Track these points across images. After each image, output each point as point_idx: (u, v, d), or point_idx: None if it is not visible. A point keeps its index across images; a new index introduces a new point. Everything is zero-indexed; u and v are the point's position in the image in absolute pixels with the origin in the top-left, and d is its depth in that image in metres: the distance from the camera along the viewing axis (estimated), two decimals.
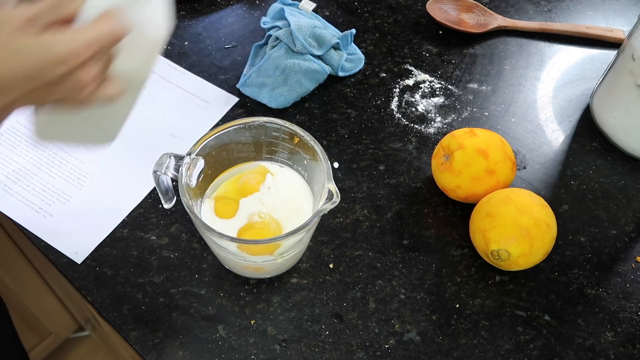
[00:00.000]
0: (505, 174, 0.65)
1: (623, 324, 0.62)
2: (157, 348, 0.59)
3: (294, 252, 0.59)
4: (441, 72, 0.81)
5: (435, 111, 0.77)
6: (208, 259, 0.64)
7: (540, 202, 0.62)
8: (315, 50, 0.75)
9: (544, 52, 0.85)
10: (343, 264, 0.64)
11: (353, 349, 0.59)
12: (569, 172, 0.73)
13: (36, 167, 0.69)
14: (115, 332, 0.60)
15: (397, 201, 0.69)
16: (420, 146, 0.74)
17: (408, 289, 0.63)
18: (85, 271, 0.63)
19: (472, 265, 0.65)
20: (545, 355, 0.60)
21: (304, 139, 0.60)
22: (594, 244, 0.67)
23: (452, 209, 0.69)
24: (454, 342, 0.60)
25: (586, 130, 0.77)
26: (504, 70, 0.83)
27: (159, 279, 0.63)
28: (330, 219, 0.67)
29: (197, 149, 0.58)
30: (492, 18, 0.87)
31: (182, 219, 0.66)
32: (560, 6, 0.91)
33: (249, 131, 0.62)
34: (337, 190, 0.55)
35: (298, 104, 0.77)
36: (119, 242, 0.65)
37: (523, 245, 0.60)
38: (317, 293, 0.62)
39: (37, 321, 1.18)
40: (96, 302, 0.61)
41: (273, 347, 0.59)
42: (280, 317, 0.61)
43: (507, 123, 0.77)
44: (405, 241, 0.66)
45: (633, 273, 0.66)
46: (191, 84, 0.78)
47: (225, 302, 0.61)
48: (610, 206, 0.70)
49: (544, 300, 0.63)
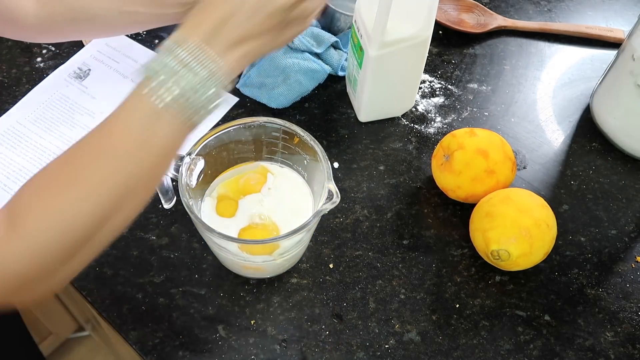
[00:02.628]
0: (505, 174, 0.65)
1: (623, 324, 0.62)
2: (157, 348, 0.59)
3: (294, 252, 0.59)
4: (441, 72, 0.81)
5: (435, 111, 0.77)
6: (208, 259, 0.64)
7: (540, 202, 0.62)
8: (315, 48, 0.75)
9: (544, 52, 0.85)
10: (343, 264, 0.64)
11: (353, 349, 0.59)
12: (569, 172, 0.73)
13: (36, 167, 0.69)
14: (115, 332, 0.60)
15: (397, 201, 0.69)
16: (420, 146, 0.74)
17: (408, 289, 0.63)
18: (85, 271, 0.62)
19: (472, 265, 0.65)
20: (545, 355, 0.60)
21: (304, 139, 0.60)
22: (594, 244, 0.67)
23: (452, 209, 0.69)
24: (454, 342, 0.60)
25: (586, 130, 0.77)
26: (504, 70, 0.82)
27: (159, 279, 0.63)
28: (330, 219, 0.67)
29: (197, 149, 0.58)
30: (492, 18, 0.87)
31: (182, 219, 0.66)
32: (560, 6, 0.91)
33: (249, 131, 0.62)
34: (337, 190, 0.55)
35: (298, 104, 0.77)
36: (119, 242, 0.65)
37: (523, 245, 0.60)
38: (317, 293, 0.62)
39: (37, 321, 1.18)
40: (96, 302, 0.61)
41: (273, 347, 0.59)
42: (280, 317, 0.61)
43: (507, 123, 0.77)
44: (405, 241, 0.66)
45: (633, 273, 0.66)
46: None
47: (225, 302, 0.61)
48: (610, 206, 0.70)
49: (544, 300, 0.63)
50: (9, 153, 0.70)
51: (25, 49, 0.80)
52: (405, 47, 0.67)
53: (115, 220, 0.42)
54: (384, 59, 0.67)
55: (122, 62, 0.79)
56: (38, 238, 0.39)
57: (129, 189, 0.42)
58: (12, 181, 0.68)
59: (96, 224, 0.41)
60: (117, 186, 0.41)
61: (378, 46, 0.65)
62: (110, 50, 0.80)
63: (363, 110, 0.74)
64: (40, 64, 0.79)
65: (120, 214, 0.42)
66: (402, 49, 0.67)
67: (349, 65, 0.74)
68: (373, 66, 0.68)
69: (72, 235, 0.40)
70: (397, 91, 0.74)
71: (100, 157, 0.41)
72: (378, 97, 0.72)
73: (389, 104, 0.75)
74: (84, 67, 0.79)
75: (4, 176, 0.68)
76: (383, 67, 0.68)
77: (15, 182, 0.68)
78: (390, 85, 0.71)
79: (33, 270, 0.40)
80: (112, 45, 0.81)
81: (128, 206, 0.42)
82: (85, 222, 0.41)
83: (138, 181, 0.42)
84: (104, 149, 0.42)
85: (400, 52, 0.67)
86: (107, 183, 0.41)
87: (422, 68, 0.72)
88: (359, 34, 0.68)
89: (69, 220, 0.40)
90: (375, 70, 0.68)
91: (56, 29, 0.60)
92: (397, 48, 0.66)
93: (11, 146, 0.71)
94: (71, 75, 0.78)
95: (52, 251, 0.40)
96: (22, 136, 0.72)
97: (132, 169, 0.42)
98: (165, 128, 0.42)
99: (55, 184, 0.41)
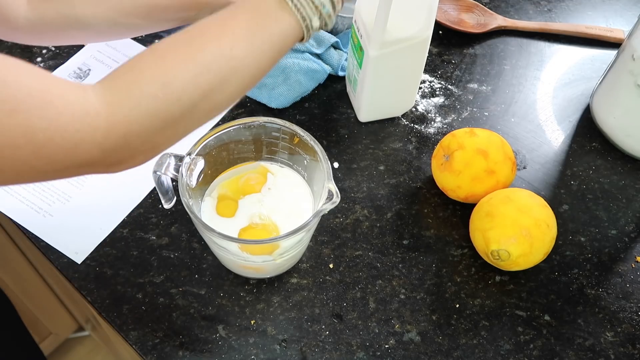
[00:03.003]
0: (505, 174, 0.65)
1: (623, 324, 0.62)
2: (157, 348, 0.59)
3: (294, 252, 0.59)
4: (441, 72, 0.81)
5: (435, 111, 0.77)
6: (208, 259, 0.64)
7: (540, 202, 0.62)
8: (315, 48, 0.75)
9: (544, 52, 0.85)
10: (343, 264, 0.64)
11: (353, 349, 0.59)
12: (569, 172, 0.73)
13: None
14: (115, 332, 0.60)
15: (397, 201, 0.69)
16: (420, 146, 0.74)
17: (408, 289, 0.63)
18: (85, 271, 0.63)
19: (472, 265, 0.65)
20: (545, 355, 0.60)
21: (304, 139, 0.60)
22: (594, 244, 0.67)
23: (452, 209, 0.69)
24: (454, 342, 0.60)
25: (586, 130, 0.77)
26: (504, 70, 0.83)
27: (159, 279, 0.63)
28: (330, 219, 0.67)
29: (197, 149, 0.58)
30: (492, 18, 0.87)
31: (182, 219, 0.66)
32: (560, 6, 0.91)
33: (249, 131, 0.62)
34: (337, 190, 0.55)
35: (298, 104, 0.77)
36: (119, 242, 0.65)
37: (523, 245, 0.60)
38: (317, 293, 0.62)
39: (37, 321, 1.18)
40: (96, 302, 0.61)
41: (273, 347, 0.59)
42: (280, 317, 0.61)
43: (507, 123, 0.77)
44: (405, 241, 0.66)
45: (633, 273, 0.66)
46: None
47: (225, 302, 0.61)
48: (610, 206, 0.70)
49: (544, 300, 0.63)
50: None
51: (25, 49, 0.80)
52: (405, 47, 0.67)
53: (215, 99, 0.45)
54: (384, 59, 0.67)
55: (122, 62, 0.79)
56: (148, 102, 0.42)
57: (237, 71, 0.45)
58: None
59: (201, 97, 0.44)
60: (229, 67, 0.45)
61: (378, 46, 0.65)
62: (110, 50, 0.80)
63: (363, 110, 0.74)
64: (40, 64, 0.79)
65: (221, 95, 0.46)
66: (402, 49, 0.67)
67: (349, 65, 0.74)
68: (373, 66, 0.68)
69: (179, 105, 0.43)
70: (397, 91, 0.74)
71: (221, 37, 0.45)
72: (378, 97, 0.72)
73: (389, 104, 0.75)
74: (84, 67, 0.79)
75: None
76: (383, 67, 0.68)
77: None
78: (390, 85, 0.71)
79: (139, 134, 0.42)
80: (112, 45, 0.81)
81: (229, 89, 0.46)
82: (192, 94, 0.43)
83: (246, 66, 0.46)
84: (225, 29, 0.45)
85: (400, 52, 0.67)
86: (220, 61, 0.44)
87: (422, 68, 0.72)
88: (359, 34, 0.68)
89: (179, 89, 0.43)
90: (375, 70, 0.68)
91: (49, 33, 0.59)
92: (397, 48, 0.66)
93: None
94: (71, 75, 0.78)
95: (160, 116, 0.43)
96: None
97: (245, 52, 0.45)
98: (285, 20, 0.46)
99: (175, 55, 0.44)
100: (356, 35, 0.69)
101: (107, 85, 0.42)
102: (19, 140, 0.37)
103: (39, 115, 0.37)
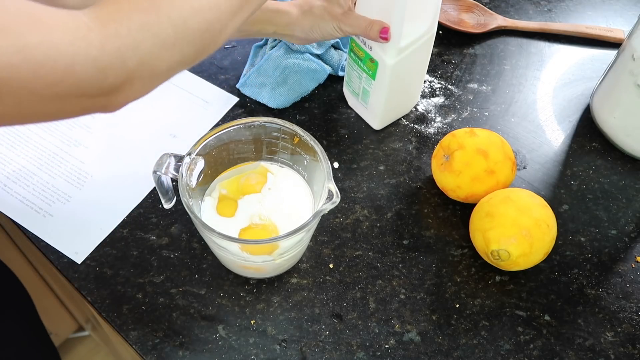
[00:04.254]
0: (505, 174, 0.65)
1: (623, 324, 0.62)
2: (157, 348, 0.59)
3: (294, 252, 0.59)
4: (441, 72, 0.81)
5: (435, 111, 0.77)
6: (208, 259, 0.64)
7: (540, 202, 0.62)
8: (315, 49, 0.75)
9: (544, 52, 0.85)
10: (343, 264, 0.64)
11: (353, 349, 0.59)
12: (569, 172, 0.73)
13: (36, 167, 0.69)
14: (115, 332, 0.60)
15: (397, 201, 0.69)
16: (420, 146, 0.74)
17: (408, 289, 0.63)
18: (85, 271, 0.63)
19: (472, 265, 0.65)
20: (545, 355, 0.60)
21: (304, 139, 0.60)
22: (594, 244, 0.67)
23: (452, 209, 0.69)
24: (454, 342, 0.60)
25: (586, 130, 0.77)
26: (504, 70, 0.83)
27: (159, 279, 0.63)
28: (330, 219, 0.67)
29: (197, 149, 0.58)
30: (492, 18, 0.87)
31: (182, 219, 0.66)
32: (560, 6, 0.91)
33: (249, 131, 0.62)
34: (337, 190, 0.55)
35: (298, 104, 0.77)
36: (119, 242, 0.65)
37: (523, 245, 0.60)
38: (317, 293, 0.62)
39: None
40: (96, 302, 0.61)
41: (273, 347, 0.59)
42: (280, 317, 0.61)
43: (507, 123, 0.77)
44: (405, 241, 0.66)
45: (633, 273, 0.66)
46: (191, 84, 0.78)
47: (225, 302, 0.61)
48: (610, 206, 0.70)
49: (544, 300, 0.63)
50: (9, 153, 0.70)
51: None
52: (416, 48, 0.66)
53: (205, 16, 0.46)
54: (400, 64, 0.67)
55: None
56: (140, 16, 0.42)
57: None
58: (12, 181, 0.68)
59: (190, 14, 0.44)
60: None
61: (395, 53, 0.65)
62: None
63: (379, 119, 0.74)
64: None
65: (210, 13, 0.46)
66: (414, 50, 0.66)
67: (352, 80, 0.73)
68: (390, 74, 0.67)
69: (169, 21, 0.43)
70: (407, 92, 0.74)
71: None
72: (393, 103, 0.73)
73: (400, 106, 0.75)
74: None
75: (4, 176, 0.68)
76: (399, 73, 0.68)
77: (15, 182, 0.68)
78: (402, 88, 0.72)
79: (134, 49, 0.42)
80: None
81: (222, 6, 0.46)
82: (181, 9, 0.44)
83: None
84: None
85: (412, 54, 0.67)
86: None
87: (427, 64, 0.73)
88: (367, 47, 0.67)
89: (168, 3, 0.43)
90: (392, 78, 0.68)
91: None
92: (410, 51, 0.66)
93: (11, 146, 0.71)
94: None
95: (152, 30, 0.43)
96: (22, 136, 0.72)
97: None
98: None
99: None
100: (360, 49, 0.68)
101: (96, 3, 0.42)
102: (14, 59, 0.37)
103: (30, 31, 0.37)
